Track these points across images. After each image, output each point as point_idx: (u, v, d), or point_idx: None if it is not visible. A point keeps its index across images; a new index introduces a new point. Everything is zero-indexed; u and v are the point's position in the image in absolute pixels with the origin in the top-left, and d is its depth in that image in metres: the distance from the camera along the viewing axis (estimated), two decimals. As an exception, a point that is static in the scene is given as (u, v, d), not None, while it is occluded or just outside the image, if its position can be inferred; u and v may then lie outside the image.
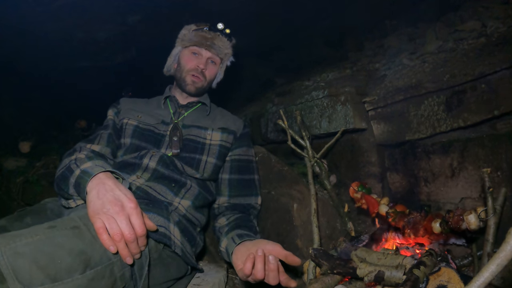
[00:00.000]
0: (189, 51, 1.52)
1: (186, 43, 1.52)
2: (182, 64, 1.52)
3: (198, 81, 1.50)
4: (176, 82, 1.57)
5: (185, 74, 1.50)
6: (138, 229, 0.91)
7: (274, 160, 1.73)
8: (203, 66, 1.50)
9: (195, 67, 1.49)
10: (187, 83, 1.50)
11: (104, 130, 1.46)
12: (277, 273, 1.03)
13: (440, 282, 0.98)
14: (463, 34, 1.77)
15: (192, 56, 1.51)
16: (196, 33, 1.51)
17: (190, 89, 1.50)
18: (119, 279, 0.89)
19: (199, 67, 1.49)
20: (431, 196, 1.60)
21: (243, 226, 1.30)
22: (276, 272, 1.03)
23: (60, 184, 1.15)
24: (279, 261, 1.06)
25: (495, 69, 1.33)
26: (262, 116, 2.35)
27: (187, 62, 1.50)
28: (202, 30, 1.51)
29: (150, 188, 1.27)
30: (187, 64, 1.50)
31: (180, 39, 1.55)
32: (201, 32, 1.51)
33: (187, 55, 1.52)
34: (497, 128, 1.40)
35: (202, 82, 1.51)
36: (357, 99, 1.78)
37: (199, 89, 1.51)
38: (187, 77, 1.50)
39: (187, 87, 1.50)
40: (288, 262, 1.07)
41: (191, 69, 1.49)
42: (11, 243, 0.75)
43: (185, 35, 1.53)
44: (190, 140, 1.42)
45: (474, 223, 1.08)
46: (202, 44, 1.49)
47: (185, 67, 1.50)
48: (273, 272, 1.03)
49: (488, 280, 0.52)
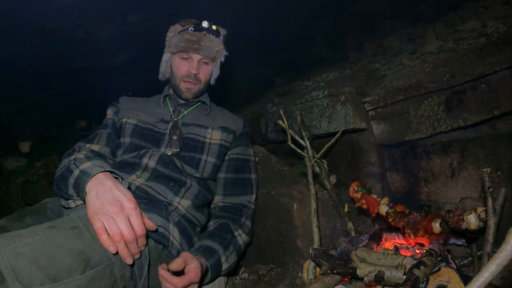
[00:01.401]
0: (178, 57, 1.46)
1: (174, 49, 1.45)
2: (175, 71, 1.47)
3: (193, 87, 1.46)
4: (172, 88, 1.54)
5: (179, 81, 1.46)
6: (138, 229, 0.91)
7: (274, 160, 1.72)
8: (195, 70, 1.44)
9: (187, 73, 1.44)
10: (182, 91, 1.47)
11: (103, 129, 1.45)
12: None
13: (440, 282, 0.98)
14: (463, 34, 1.77)
15: (183, 61, 1.45)
16: (182, 36, 1.43)
17: (187, 96, 1.48)
18: (119, 279, 0.89)
19: (191, 72, 1.43)
20: (431, 196, 1.60)
21: (216, 236, 1.27)
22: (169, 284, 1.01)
23: (59, 185, 1.15)
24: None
25: (495, 69, 1.33)
26: (262, 116, 2.35)
27: (179, 68, 1.45)
28: (187, 32, 1.44)
29: (149, 188, 1.27)
30: (178, 71, 1.46)
31: (167, 44, 1.49)
32: (186, 35, 1.43)
33: (177, 61, 1.46)
34: (497, 128, 1.40)
35: (198, 86, 1.48)
36: (357, 99, 1.78)
37: (195, 94, 1.49)
38: (181, 85, 1.46)
39: (183, 94, 1.48)
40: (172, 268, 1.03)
41: (183, 75, 1.45)
42: (11, 243, 0.75)
43: (171, 40, 1.46)
44: (190, 139, 1.42)
45: (474, 223, 1.07)
46: (189, 48, 1.42)
47: (177, 74, 1.46)
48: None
49: (488, 280, 0.52)
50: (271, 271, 1.48)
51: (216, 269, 1.18)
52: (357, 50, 2.58)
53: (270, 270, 1.49)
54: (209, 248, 1.19)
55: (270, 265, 1.51)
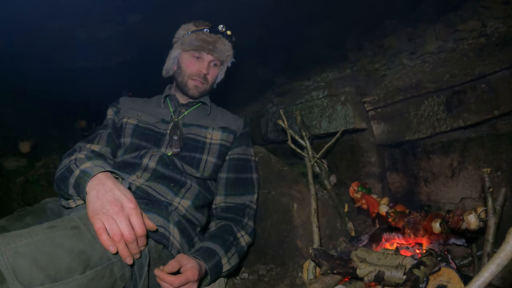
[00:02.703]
0: (190, 55, 1.47)
1: (187, 47, 1.46)
2: (183, 68, 1.48)
3: (200, 86, 1.48)
4: (177, 85, 1.54)
5: (187, 78, 1.47)
6: (138, 229, 0.91)
7: (274, 160, 1.72)
8: (205, 71, 1.47)
9: (197, 72, 1.46)
10: (189, 87, 1.48)
11: (103, 129, 1.45)
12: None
13: (440, 282, 0.98)
14: (463, 34, 1.77)
15: (194, 60, 1.47)
16: (197, 36, 1.45)
17: (193, 94, 1.49)
18: (119, 279, 0.89)
19: (201, 72, 1.46)
20: (431, 196, 1.60)
21: (218, 238, 1.27)
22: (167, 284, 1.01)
23: (60, 184, 1.15)
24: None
25: (495, 69, 1.33)
26: (262, 116, 2.36)
27: (188, 66, 1.47)
28: (202, 32, 1.46)
29: (150, 188, 1.27)
30: (188, 68, 1.47)
31: (180, 41, 1.49)
32: (202, 35, 1.45)
33: (188, 59, 1.47)
34: (497, 128, 1.40)
35: (205, 86, 1.50)
36: (357, 99, 1.78)
37: (202, 93, 1.51)
38: (189, 82, 1.47)
39: (189, 91, 1.49)
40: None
41: (193, 74, 1.46)
42: (11, 243, 0.75)
43: (185, 38, 1.48)
44: (191, 139, 1.42)
45: (474, 223, 1.07)
46: (204, 48, 1.45)
47: (186, 71, 1.47)
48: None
49: (488, 280, 0.52)
50: (271, 271, 1.48)
51: (217, 270, 1.18)
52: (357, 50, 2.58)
53: (270, 270, 1.49)
54: (209, 250, 1.19)
55: (270, 265, 1.51)
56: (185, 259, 1.08)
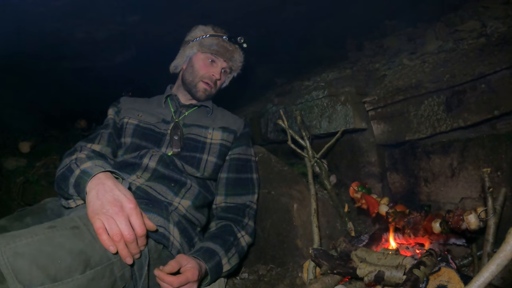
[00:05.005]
0: (205, 57, 1.49)
1: (205, 48, 1.48)
2: (196, 69, 1.49)
3: (209, 89, 1.50)
4: (184, 84, 1.54)
5: (198, 80, 1.49)
6: (138, 229, 0.91)
7: (274, 160, 1.72)
8: (218, 76, 1.50)
9: (210, 76, 1.49)
10: (198, 89, 1.49)
11: (104, 129, 1.45)
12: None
13: (440, 282, 0.98)
14: (463, 34, 1.77)
15: (208, 63, 1.49)
16: (217, 41, 1.49)
17: (200, 96, 1.50)
18: (119, 279, 0.89)
19: (214, 76, 1.49)
20: (431, 196, 1.60)
21: (218, 238, 1.27)
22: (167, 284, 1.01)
23: (60, 184, 1.15)
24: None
25: (495, 69, 1.33)
26: (262, 116, 2.36)
27: (202, 68, 1.49)
28: (222, 39, 1.50)
29: (150, 188, 1.27)
30: (201, 70, 1.49)
31: (198, 42, 1.51)
32: (222, 42, 1.49)
33: (203, 61, 1.49)
34: (497, 128, 1.41)
35: (213, 89, 1.52)
36: (357, 99, 1.78)
37: (208, 96, 1.53)
38: (199, 84, 1.49)
39: (198, 93, 1.50)
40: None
41: (205, 76, 1.48)
42: (11, 243, 0.75)
43: (204, 40, 1.50)
44: (191, 139, 1.42)
45: (474, 223, 1.07)
46: (222, 55, 1.49)
47: (199, 72, 1.48)
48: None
49: (488, 280, 0.52)
50: (271, 271, 1.48)
51: (217, 271, 1.18)
52: (357, 50, 2.58)
53: (270, 270, 1.49)
54: (209, 250, 1.19)
55: (270, 265, 1.51)
56: (185, 259, 1.08)
